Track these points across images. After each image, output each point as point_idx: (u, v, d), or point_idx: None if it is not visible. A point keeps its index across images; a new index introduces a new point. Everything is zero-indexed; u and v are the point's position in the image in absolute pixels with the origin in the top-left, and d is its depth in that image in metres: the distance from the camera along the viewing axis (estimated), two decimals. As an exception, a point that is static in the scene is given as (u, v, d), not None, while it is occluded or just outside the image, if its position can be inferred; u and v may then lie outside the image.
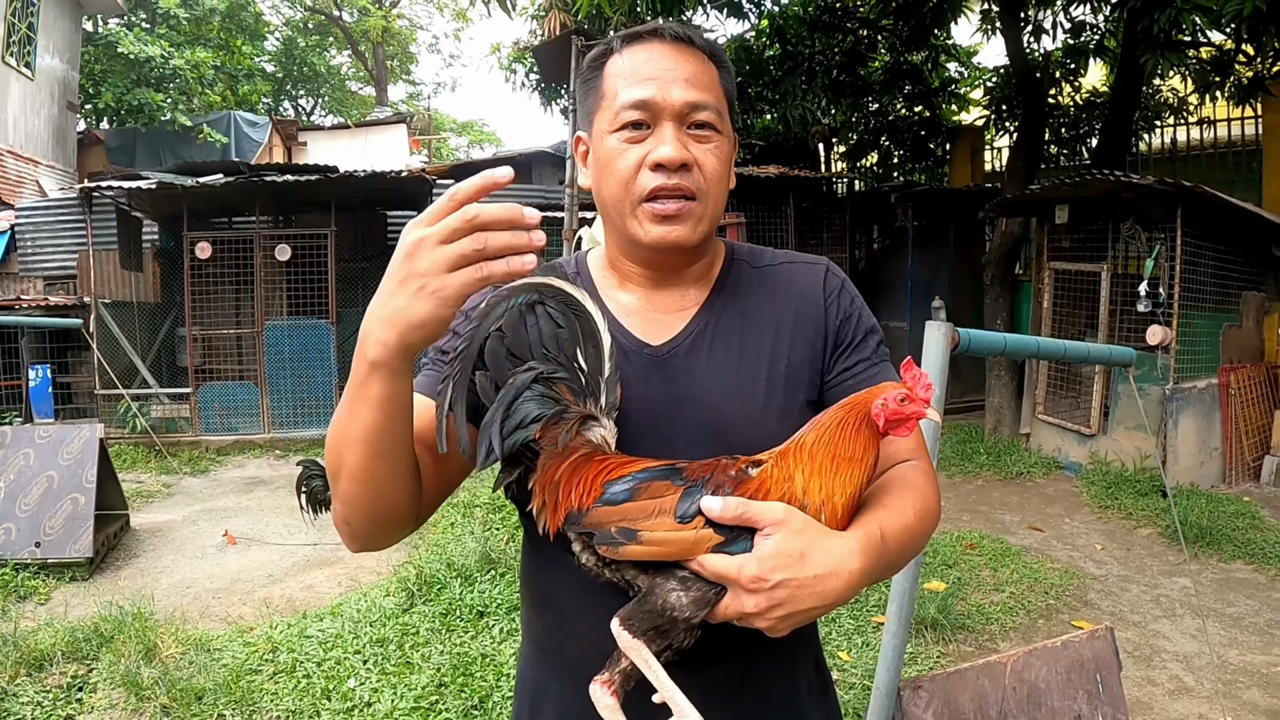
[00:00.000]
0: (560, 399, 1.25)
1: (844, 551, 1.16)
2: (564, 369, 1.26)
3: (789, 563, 1.11)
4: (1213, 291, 8.15)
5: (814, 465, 1.20)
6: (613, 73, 1.40)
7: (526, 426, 1.20)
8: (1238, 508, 7.09)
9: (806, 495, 1.19)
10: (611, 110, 1.38)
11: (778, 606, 1.11)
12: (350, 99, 34.18)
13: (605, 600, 1.23)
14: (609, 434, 1.27)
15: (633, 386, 1.36)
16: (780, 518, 1.13)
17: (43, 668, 4.53)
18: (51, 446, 6.26)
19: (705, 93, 1.37)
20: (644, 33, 1.40)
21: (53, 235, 12.26)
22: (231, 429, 10.49)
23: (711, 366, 1.42)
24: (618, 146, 1.37)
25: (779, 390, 1.42)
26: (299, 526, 6.98)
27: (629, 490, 1.18)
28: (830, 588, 1.13)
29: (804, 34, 12.19)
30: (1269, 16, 6.65)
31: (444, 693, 4.30)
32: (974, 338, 2.28)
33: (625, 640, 1.15)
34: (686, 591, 1.14)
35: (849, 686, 4.37)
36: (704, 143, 1.37)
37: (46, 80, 16.08)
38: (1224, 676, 4.60)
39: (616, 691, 1.18)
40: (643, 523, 1.15)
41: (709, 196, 1.38)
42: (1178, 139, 12.11)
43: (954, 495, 8.06)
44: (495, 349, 1.24)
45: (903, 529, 1.28)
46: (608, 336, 1.29)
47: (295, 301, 10.78)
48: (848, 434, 1.22)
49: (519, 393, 1.21)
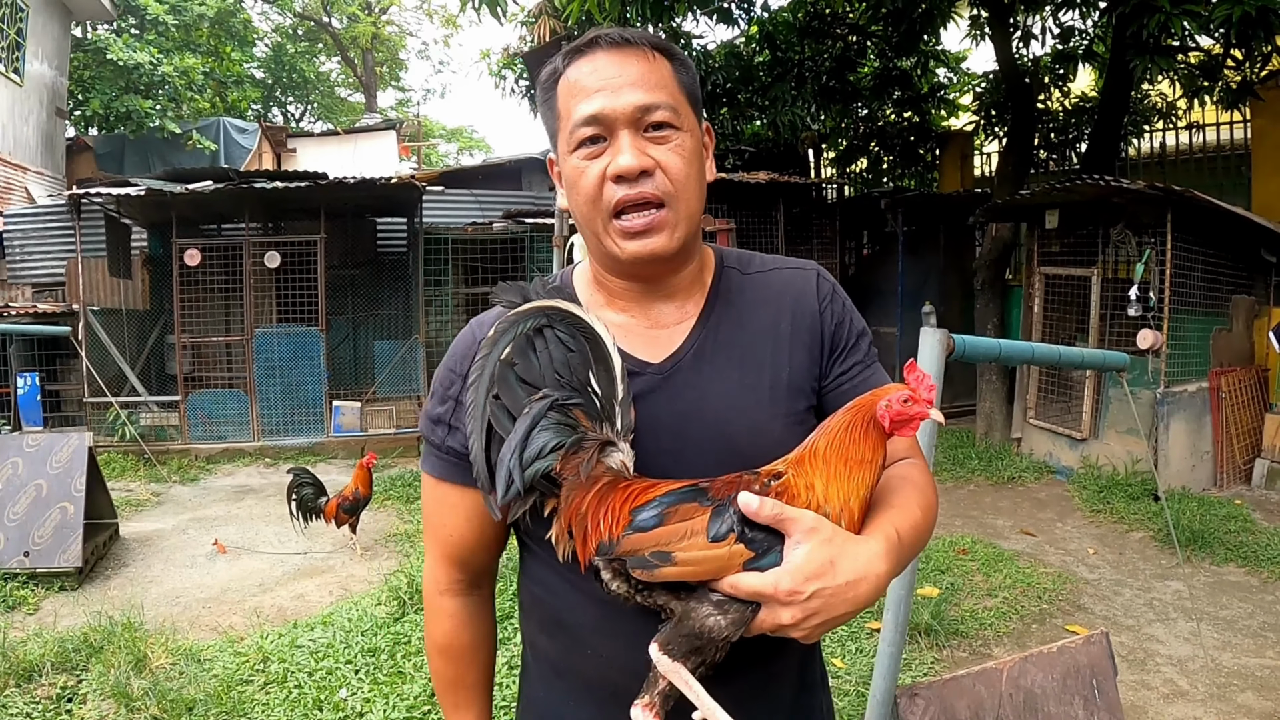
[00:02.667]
0: (578, 425, 1.23)
1: (870, 556, 1.18)
2: (578, 394, 1.25)
3: (821, 572, 1.13)
4: (1203, 295, 8.17)
5: (830, 471, 1.22)
6: (563, 91, 1.38)
7: (546, 456, 1.19)
8: (1229, 511, 7.10)
9: (828, 502, 1.20)
10: (568, 130, 1.36)
11: (813, 616, 1.13)
12: (340, 105, 34.17)
13: (625, 622, 1.24)
14: (628, 458, 1.26)
15: (638, 406, 1.35)
16: (811, 525, 1.15)
17: (32, 679, 4.49)
18: (40, 455, 6.23)
19: (656, 92, 1.34)
20: (584, 45, 1.38)
21: (41, 242, 12.22)
22: (221, 437, 10.44)
23: (715, 379, 1.41)
24: (579, 165, 1.35)
25: (783, 398, 1.42)
26: (289, 535, 6.96)
27: (659, 515, 1.17)
28: (861, 592, 1.15)
29: (794, 40, 12.23)
30: (1258, 21, 6.68)
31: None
32: (969, 344, 2.27)
33: (665, 664, 1.15)
34: (724, 614, 1.14)
35: (844, 693, 4.36)
36: (664, 143, 1.34)
37: (35, 86, 16.04)
38: (1218, 679, 4.60)
39: (658, 713, 1.18)
40: (676, 545, 1.14)
41: (679, 198, 1.36)
42: (1167, 144, 12.14)
43: (946, 500, 8.06)
44: (506, 375, 1.24)
45: (913, 527, 1.30)
46: (618, 358, 1.28)
47: (285, 309, 10.75)
48: (856, 437, 1.23)
49: (535, 421, 1.20)
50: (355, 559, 6.70)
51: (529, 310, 1.26)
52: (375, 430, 10.73)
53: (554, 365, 1.25)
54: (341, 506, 6.56)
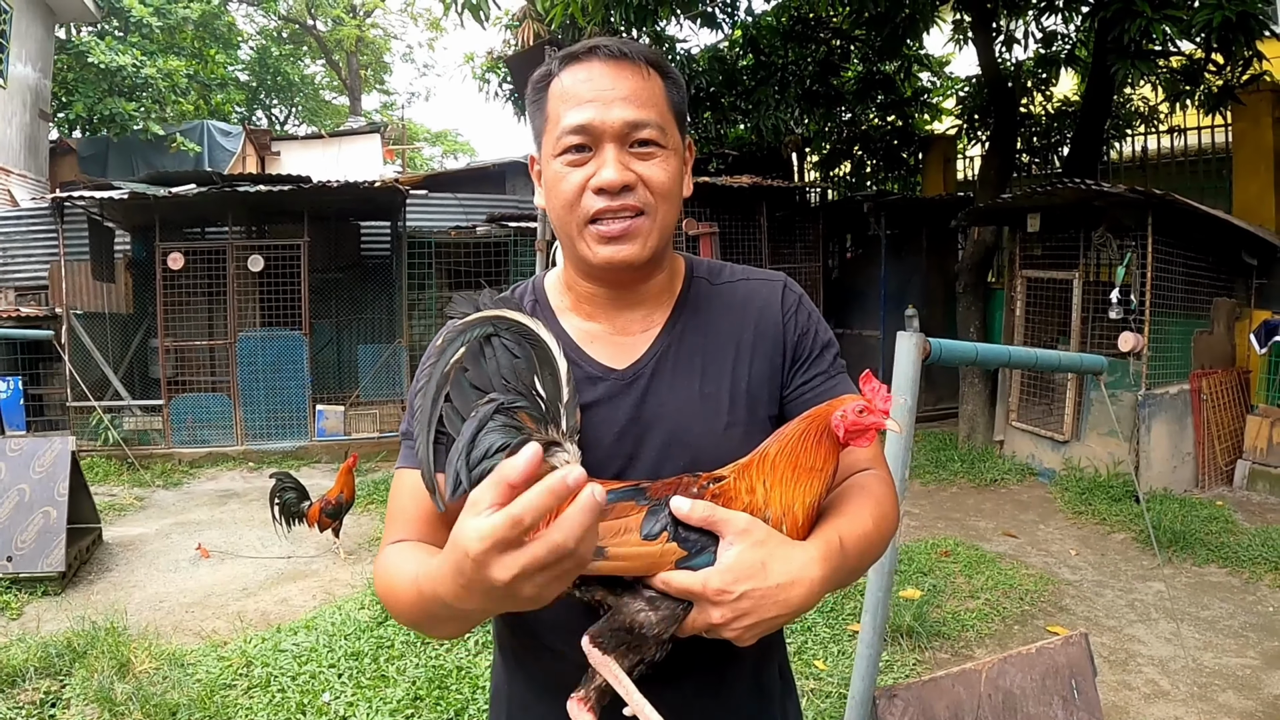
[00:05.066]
0: (522, 427, 1.26)
1: (805, 561, 1.19)
2: (524, 397, 1.28)
3: (752, 574, 1.15)
4: (1184, 298, 8.23)
5: (776, 476, 1.24)
6: (554, 95, 1.40)
7: (493, 456, 1.21)
8: (1211, 511, 7.15)
9: (768, 506, 1.23)
10: (554, 135, 1.39)
11: (743, 617, 1.15)
12: (324, 108, 34.04)
13: (579, 621, 1.25)
14: (573, 458, 1.29)
15: (599, 411, 1.39)
16: (743, 527, 1.17)
17: (15, 684, 4.47)
18: (23, 459, 6.20)
19: (646, 109, 1.37)
20: (581, 52, 1.40)
21: (24, 245, 12.14)
22: (204, 441, 10.40)
23: (675, 387, 1.44)
24: (561, 170, 1.38)
25: (741, 407, 1.45)
26: (272, 539, 6.95)
27: None
28: (792, 595, 1.16)
29: (777, 44, 12.26)
30: (1238, 26, 6.74)
31: (420, 706, 4.28)
32: (945, 348, 2.29)
33: (595, 657, 1.18)
34: (655, 610, 1.17)
35: (825, 695, 4.38)
36: (648, 159, 1.37)
37: (18, 88, 15.95)
38: (1199, 679, 4.64)
39: (593, 708, 1.20)
40: (609, 539, 1.17)
41: (657, 211, 1.39)
42: (1149, 147, 12.19)
43: (928, 503, 8.09)
44: (459, 380, 1.28)
45: (861, 536, 1.31)
46: (563, 362, 1.32)
47: (268, 312, 10.71)
48: (809, 445, 1.26)
49: (482, 424, 1.23)
50: (338, 563, 6.69)
51: (475, 320, 1.31)
52: (359, 434, 10.71)
53: (500, 371, 1.29)
54: (324, 510, 6.55)
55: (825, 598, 5.35)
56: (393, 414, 10.94)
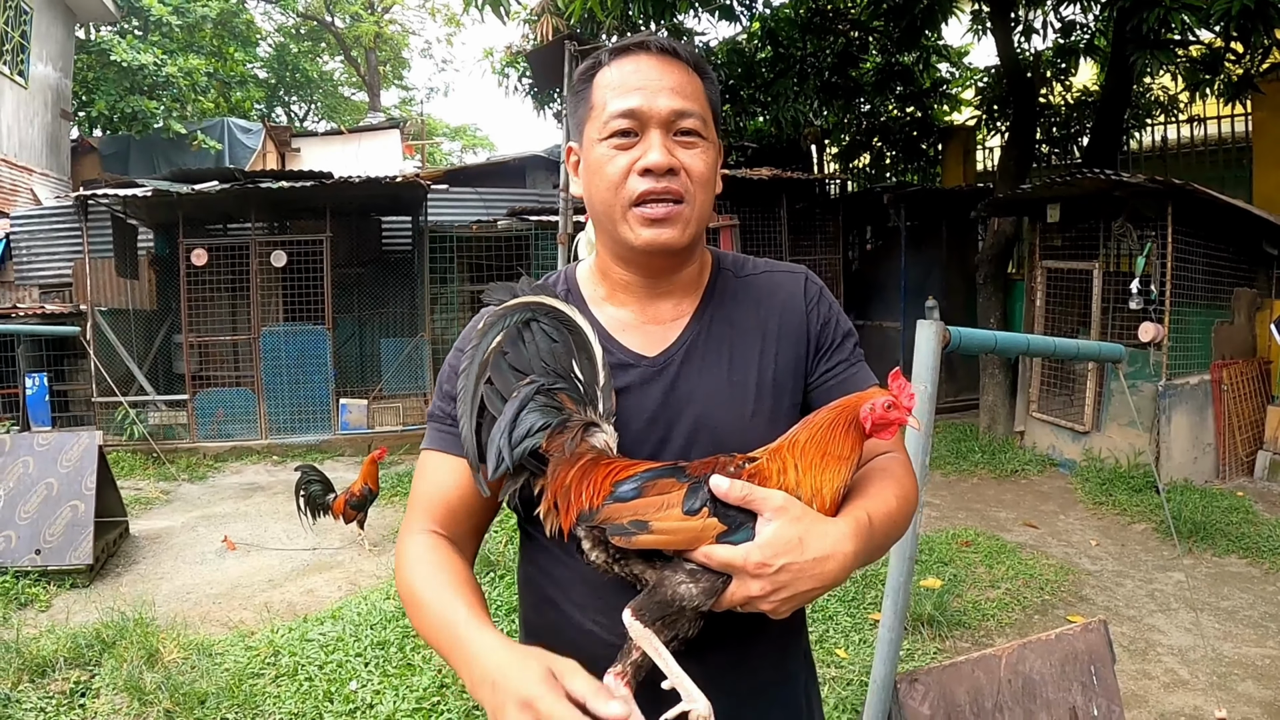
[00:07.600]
0: (562, 408, 1.32)
1: (838, 536, 1.24)
2: (563, 380, 1.34)
3: (790, 548, 1.19)
4: (1204, 288, 8.19)
5: (806, 461, 1.29)
6: (601, 84, 1.47)
7: (535, 435, 1.27)
8: (1231, 502, 7.13)
9: (799, 487, 1.27)
10: (601, 119, 1.45)
11: (781, 589, 1.20)
12: (343, 105, 34.13)
13: (612, 598, 1.31)
14: (611, 439, 1.35)
15: (631, 396, 1.45)
16: (780, 504, 1.22)
17: (45, 674, 4.55)
18: (50, 454, 6.28)
19: (690, 101, 1.44)
20: (631, 45, 1.47)
21: (48, 243, 12.27)
22: (229, 435, 10.50)
23: (705, 375, 1.49)
24: (607, 153, 1.43)
25: (767, 395, 1.51)
26: (298, 531, 7.01)
27: (637, 488, 1.25)
28: (828, 569, 1.22)
29: (795, 36, 12.22)
30: (1257, 14, 6.69)
31: (446, 694, 4.32)
32: (965, 336, 2.32)
33: (637, 629, 1.22)
34: (696, 583, 1.21)
35: (846, 683, 4.40)
36: (690, 148, 1.44)
37: (40, 88, 16.07)
38: (1219, 669, 4.64)
39: (630, 682, 1.23)
40: (653, 515, 1.22)
41: (695, 199, 1.45)
42: (1168, 137, 12.14)
43: (949, 493, 8.10)
44: (499, 363, 1.33)
45: (886, 514, 1.37)
46: (599, 347, 1.38)
47: (291, 307, 10.81)
48: (837, 434, 1.31)
49: (524, 404, 1.29)
50: (364, 554, 6.75)
51: (515, 305, 1.36)
52: (382, 427, 10.78)
53: (540, 354, 1.35)
54: (349, 503, 6.61)
55: (846, 586, 5.38)
56: (415, 407, 11.00)
